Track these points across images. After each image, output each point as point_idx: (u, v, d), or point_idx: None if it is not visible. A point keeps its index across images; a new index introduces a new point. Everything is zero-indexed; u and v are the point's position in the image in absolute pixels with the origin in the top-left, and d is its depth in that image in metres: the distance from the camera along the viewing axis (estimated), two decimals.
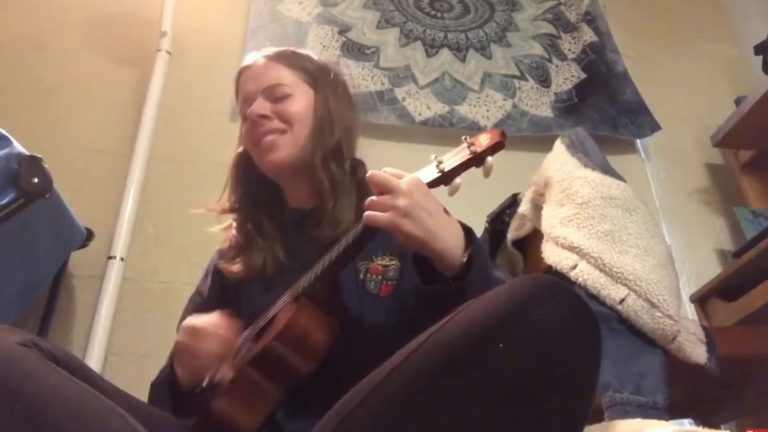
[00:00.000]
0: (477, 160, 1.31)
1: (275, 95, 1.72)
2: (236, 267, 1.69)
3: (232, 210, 1.78)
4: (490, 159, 1.31)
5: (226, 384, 1.41)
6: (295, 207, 1.75)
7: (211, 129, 3.08)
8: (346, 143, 1.73)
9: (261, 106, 1.70)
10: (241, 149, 1.82)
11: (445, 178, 1.33)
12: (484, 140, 1.32)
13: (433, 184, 1.34)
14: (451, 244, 1.33)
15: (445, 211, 1.39)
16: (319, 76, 1.79)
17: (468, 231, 1.40)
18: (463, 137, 1.34)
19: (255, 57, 1.80)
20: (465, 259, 1.34)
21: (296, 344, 1.38)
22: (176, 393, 1.55)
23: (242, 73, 1.80)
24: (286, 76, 1.75)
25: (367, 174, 1.35)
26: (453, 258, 1.33)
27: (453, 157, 1.33)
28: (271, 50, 1.82)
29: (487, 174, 1.31)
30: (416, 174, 1.35)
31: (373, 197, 1.33)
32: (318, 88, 1.76)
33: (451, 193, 1.33)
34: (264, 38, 3.31)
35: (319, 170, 1.65)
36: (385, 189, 1.32)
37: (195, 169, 2.99)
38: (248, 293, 1.67)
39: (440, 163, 1.33)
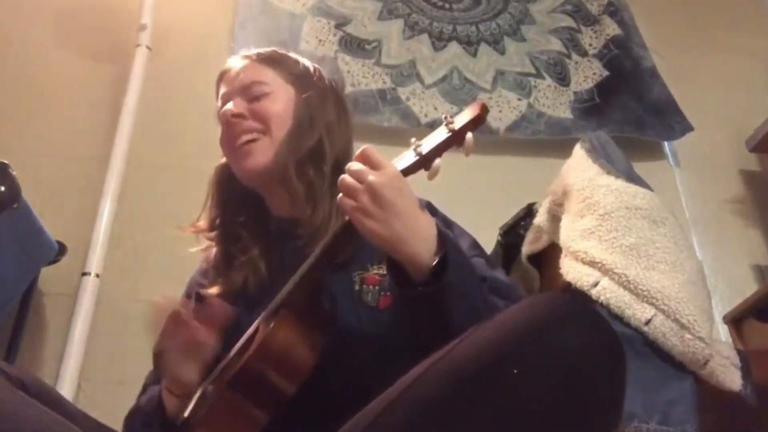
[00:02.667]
0: (456, 137, 1.32)
1: (252, 94, 1.73)
2: (215, 289, 1.68)
3: (210, 229, 1.78)
4: (469, 135, 1.31)
5: (206, 410, 1.41)
6: (277, 217, 1.75)
7: (196, 132, 3.09)
8: (330, 144, 1.72)
9: (236, 104, 1.72)
10: (219, 164, 1.83)
11: (423, 161, 1.33)
12: (462, 116, 1.33)
13: (410, 169, 1.34)
14: (419, 248, 1.32)
15: (429, 207, 1.40)
16: (303, 75, 1.79)
17: (442, 234, 1.38)
18: (443, 115, 1.35)
19: (235, 59, 1.83)
20: (434, 263, 1.32)
21: (276, 361, 1.36)
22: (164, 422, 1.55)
23: (221, 77, 1.83)
24: (265, 74, 1.76)
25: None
26: (421, 262, 1.32)
27: (431, 138, 1.34)
28: (253, 51, 1.83)
29: (467, 152, 1.31)
30: (393, 161, 1.35)
31: (344, 176, 1.34)
32: (300, 87, 1.77)
33: (431, 176, 1.34)
34: (253, 32, 3.32)
35: (292, 175, 1.66)
36: (357, 179, 1.32)
37: (178, 176, 2.99)
38: (241, 308, 1.66)
39: (418, 146, 1.34)
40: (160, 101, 3.19)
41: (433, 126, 3.17)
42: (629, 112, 3.47)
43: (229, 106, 1.71)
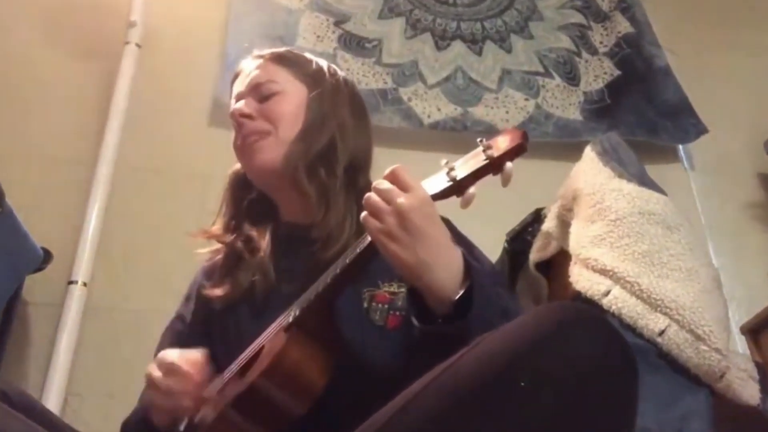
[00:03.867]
0: (494, 166, 1.27)
1: (263, 93, 1.75)
2: (221, 290, 1.69)
3: (225, 234, 1.79)
4: (509, 165, 1.27)
5: (206, 428, 1.41)
6: (288, 222, 1.76)
7: (188, 133, 3.09)
8: (342, 144, 1.73)
9: (247, 104, 1.74)
10: (233, 169, 1.85)
11: (457, 188, 1.30)
12: (502, 143, 1.28)
13: (442, 195, 1.31)
14: (443, 278, 1.32)
15: (447, 225, 1.40)
16: (316, 74, 1.81)
17: (468, 266, 1.37)
18: (479, 139, 1.31)
19: (248, 59, 1.85)
20: (457, 298, 1.31)
21: (286, 382, 1.36)
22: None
23: (235, 77, 1.85)
24: (277, 74, 1.78)
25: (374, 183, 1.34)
26: (444, 294, 1.31)
27: (466, 164, 1.30)
28: (267, 51, 1.85)
29: (506, 182, 1.28)
30: (423, 183, 1.33)
31: (370, 194, 1.32)
32: (313, 86, 1.78)
33: (464, 205, 1.30)
34: (248, 27, 3.33)
35: (303, 176, 1.66)
36: (385, 198, 1.31)
37: (169, 180, 2.99)
38: (235, 319, 1.67)
39: (451, 170, 1.30)
40: (150, 101, 3.19)
41: (436, 127, 3.20)
42: (641, 114, 3.47)
43: (239, 105, 1.74)
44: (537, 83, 3.50)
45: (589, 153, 2.17)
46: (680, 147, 3.55)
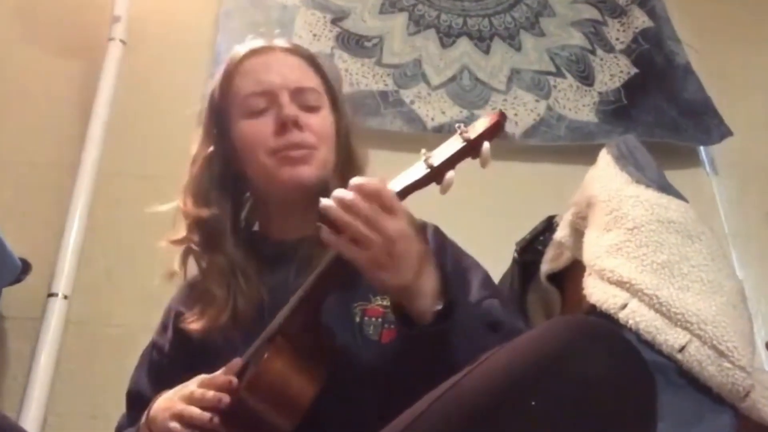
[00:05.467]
0: (471, 147, 1.31)
1: (306, 102, 1.75)
2: (199, 324, 1.68)
3: (194, 230, 1.78)
4: (486, 145, 1.30)
5: None
6: (278, 239, 1.78)
7: (177, 137, 3.07)
8: (357, 153, 1.79)
9: (294, 110, 1.72)
10: (210, 149, 1.83)
11: (435, 175, 1.32)
12: (479, 124, 1.33)
13: (421, 183, 1.34)
14: (425, 295, 1.35)
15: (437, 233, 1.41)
16: (337, 91, 1.83)
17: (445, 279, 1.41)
18: (457, 125, 1.35)
19: (272, 42, 1.84)
20: (440, 307, 1.35)
21: (273, 395, 1.36)
22: None
23: (256, 56, 1.81)
24: (316, 81, 1.80)
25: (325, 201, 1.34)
26: (426, 307, 1.35)
27: (443, 149, 1.34)
28: (293, 43, 1.86)
29: (484, 163, 1.31)
30: (402, 174, 1.36)
31: (353, 221, 1.30)
32: (337, 106, 1.82)
33: (443, 190, 1.32)
34: (240, 24, 3.33)
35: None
36: (371, 226, 1.30)
37: (156, 187, 2.97)
38: (224, 341, 1.65)
39: (428, 158, 1.33)
40: (135, 102, 3.19)
41: (441, 131, 3.20)
42: (661, 115, 3.47)
43: (291, 110, 1.71)
44: (548, 83, 3.50)
45: (604, 157, 2.18)
46: (702, 150, 3.55)
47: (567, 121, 3.38)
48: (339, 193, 1.32)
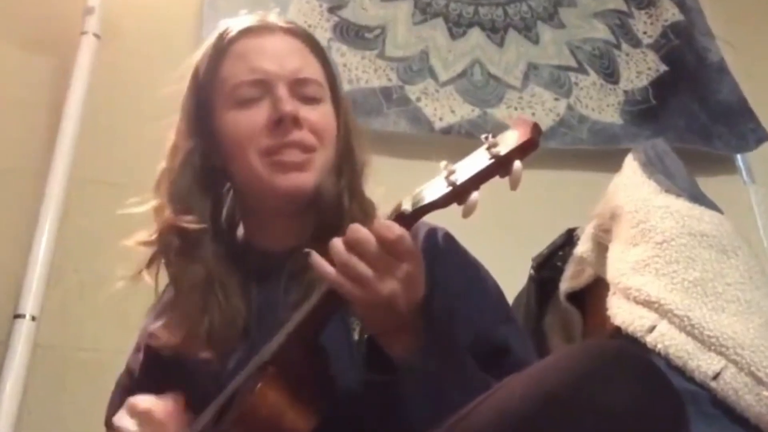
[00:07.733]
0: (501, 166, 1.24)
1: (306, 95, 1.71)
2: (169, 342, 1.66)
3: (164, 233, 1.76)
4: (518, 164, 1.23)
5: None
6: (264, 249, 1.76)
7: (155, 140, 3.09)
8: (364, 178, 1.75)
9: (292, 104, 1.66)
10: (192, 141, 1.81)
11: (458, 194, 1.26)
12: (510, 138, 1.24)
13: (440, 203, 1.28)
14: (411, 331, 1.36)
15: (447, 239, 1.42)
16: (337, 81, 1.81)
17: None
18: (483, 136, 1.27)
19: (268, 21, 1.78)
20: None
21: (265, 430, 1.37)
22: None
23: (249, 37, 1.76)
24: (317, 70, 1.76)
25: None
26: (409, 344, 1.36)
27: (468, 165, 1.27)
28: (292, 22, 1.83)
29: (514, 185, 1.24)
30: (420, 188, 1.33)
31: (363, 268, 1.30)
32: (338, 99, 1.79)
33: (466, 213, 1.25)
34: (227, 13, 3.28)
35: (345, 201, 1.67)
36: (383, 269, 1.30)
37: (133, 195, 2.98)
38: (199, 361, 1.63)
39: (451, 173, 1.27)
40: (111, 102, 3.19)
41: (450, 132, 3.20)
42: (692, 118, 3.47)
43: (291, 105, 1.66)
44: (569, 80, 3.50)
45: (630, 163, 2.18)
46: (738, 157, 3.55)
47: (589, 123, 3.38)
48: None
